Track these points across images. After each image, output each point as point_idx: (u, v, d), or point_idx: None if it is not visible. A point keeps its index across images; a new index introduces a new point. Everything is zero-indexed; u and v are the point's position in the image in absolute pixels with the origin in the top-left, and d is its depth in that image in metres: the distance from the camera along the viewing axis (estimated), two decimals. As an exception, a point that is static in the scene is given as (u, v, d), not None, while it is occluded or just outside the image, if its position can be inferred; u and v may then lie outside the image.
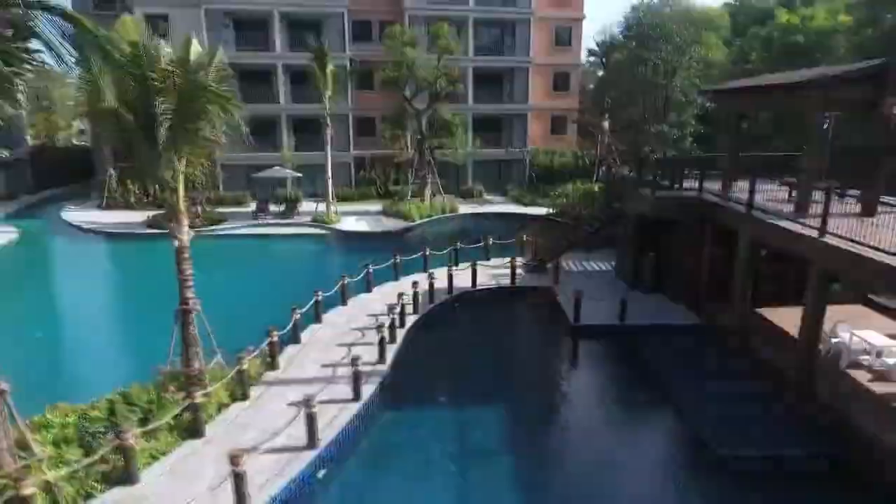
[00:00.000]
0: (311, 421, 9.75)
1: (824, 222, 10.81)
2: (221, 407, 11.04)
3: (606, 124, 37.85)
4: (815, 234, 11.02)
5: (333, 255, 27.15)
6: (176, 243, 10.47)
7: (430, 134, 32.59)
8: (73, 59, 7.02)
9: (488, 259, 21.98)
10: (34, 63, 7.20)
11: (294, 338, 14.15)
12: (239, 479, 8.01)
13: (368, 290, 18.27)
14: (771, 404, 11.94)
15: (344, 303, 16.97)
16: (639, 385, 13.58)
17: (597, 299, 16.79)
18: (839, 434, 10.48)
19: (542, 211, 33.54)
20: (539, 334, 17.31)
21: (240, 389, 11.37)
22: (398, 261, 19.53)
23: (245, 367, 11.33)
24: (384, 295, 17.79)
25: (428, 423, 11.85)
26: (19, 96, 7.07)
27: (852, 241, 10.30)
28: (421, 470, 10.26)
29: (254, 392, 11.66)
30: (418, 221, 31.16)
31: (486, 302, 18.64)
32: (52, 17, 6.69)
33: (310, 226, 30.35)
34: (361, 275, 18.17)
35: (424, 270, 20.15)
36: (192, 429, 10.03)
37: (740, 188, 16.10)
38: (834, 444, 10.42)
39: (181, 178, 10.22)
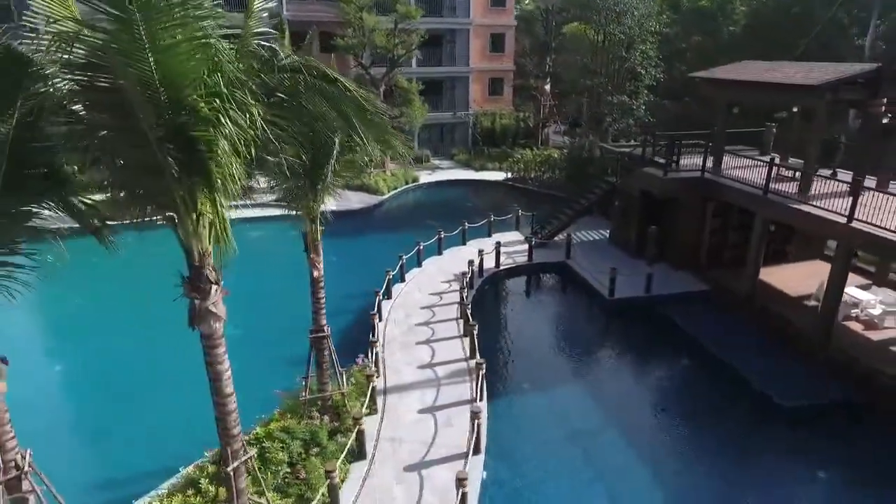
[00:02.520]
0: (474, 431, 10.51)
1: (853, 210, 13.17)
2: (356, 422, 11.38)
3: (548, 87, 39.40)
4: (843, 220, 13.38)
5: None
6: (315, 273, 10.37)
7: (389, 102, 32.05)
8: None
9: (490, 236, 22.97)
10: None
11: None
12: (464, 499, 8.76)
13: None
14: (797, 356, 14.57)
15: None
16: (683, 348, 15.76)
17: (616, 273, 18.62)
18: (859, 377, 13.27)
19: (498, 176, 34.85)
20: (580, 308, 18.79)
21: (371, 402, 11.72)
22: (421, 248, 19.95)
23: (374, 380, 11.68)
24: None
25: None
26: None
27: (875, 225, 12.80)
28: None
29: (379, 401, 12.09)
30: (388, 194, 31.05)
31: (514, 281, 19.90)
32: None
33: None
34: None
35: (439, 252, 20.88)
36: (355, 451, 10.37)
37: (729, 165, 18.59)
38: (856, 386, 13.20)
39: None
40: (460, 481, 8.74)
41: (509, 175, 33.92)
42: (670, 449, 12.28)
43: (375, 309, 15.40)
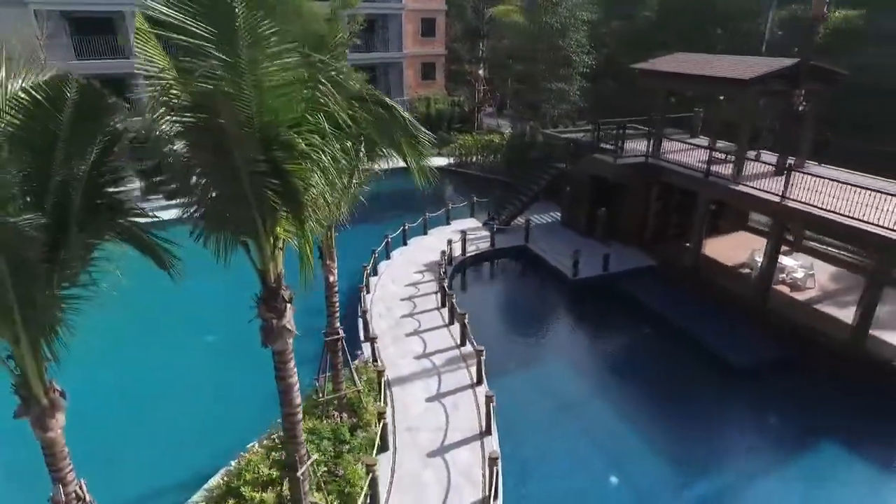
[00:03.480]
0: (489, 413, 11.37)
1: (785, 190, 15.14)
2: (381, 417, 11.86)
3: (482, 72, 40.28)
4: (777, 199, 15.34)
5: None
6: (331, 278, 10.70)
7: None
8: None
9: (448, 223, 23.72)
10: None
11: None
12: (494, 477, 9.64)
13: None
14: (740, 319, 16.58)
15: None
16: (644, 319, 17.45)
17: (571, 253, 19.95)
18: (792, 334, 15.44)
19: (439, 161, 35.46)
20: (548, 289, 19.93)
21: (381, 396, 12.26)
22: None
23: (385, 374, 12.24)
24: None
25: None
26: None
27: (804, 202, 14.84)
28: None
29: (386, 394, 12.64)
30: (335, 185, 30.78)
31: (482, 267, 20.85)
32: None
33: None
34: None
35: (404, 243, 21.43)
36: (379, 444, 10.93)
37: (667, 150, 20.46)
38: (791, 342, 15.35)
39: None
40: (493, 461, 9.61)
41: (451, 160, 34.64)
42: (642, 403, 14.01)
43: (362, 305, 15.80)
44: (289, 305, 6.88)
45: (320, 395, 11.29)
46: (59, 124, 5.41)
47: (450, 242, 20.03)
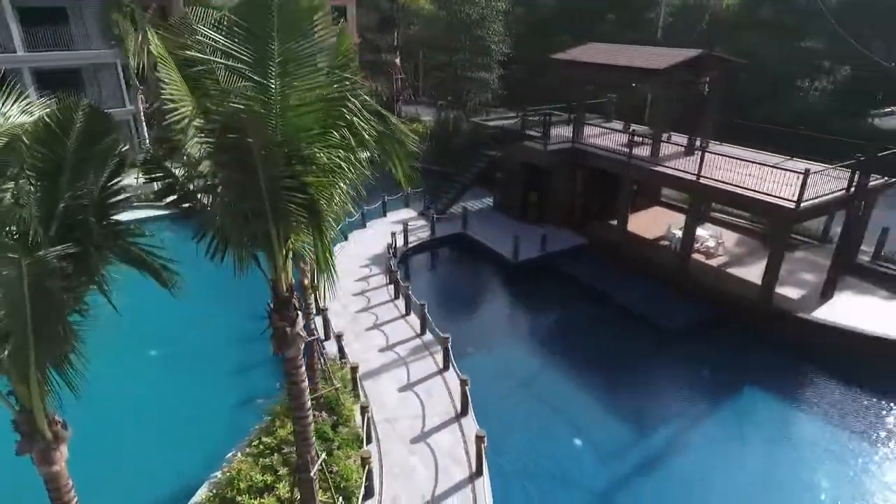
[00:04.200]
0: (465, 395, 12.02)
1: (700, 169, 16.90)
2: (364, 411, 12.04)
3: (398, 61, 40.30)
4: (693, 177, 17.10)
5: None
6: (304, 280, 10.78)
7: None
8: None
9: (385, 215, 23.94)
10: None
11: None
12: (481, 455, 10.34)
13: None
14: (664, 286, 18.38)
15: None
16: (582, 293, 18.85)
17: (509, 237, 20.95)
18: (709, 297, 17.39)
19: (363, 154, 35.32)
20: (493, 272, 20.73)
21: (356, 391, 12.53)
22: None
23: (357, 369, 12.51)
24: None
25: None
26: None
27: (715, 179, 16.69)
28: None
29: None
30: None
31: (425, 256, 21.32)
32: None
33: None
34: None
35: (344, 238, 21.46)
36: (363, 438, 11.24)
37: (588, 135, 22.00)
38: (709, 304, 17.30)
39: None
40: (480, 439, 10.28)
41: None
42: (590, 370, 15.37)
43: (317, 304, 15.81)
44: (300, 314, 7.08)
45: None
46: (66, 150, 5.30)
47: (394, 235, 20.32)
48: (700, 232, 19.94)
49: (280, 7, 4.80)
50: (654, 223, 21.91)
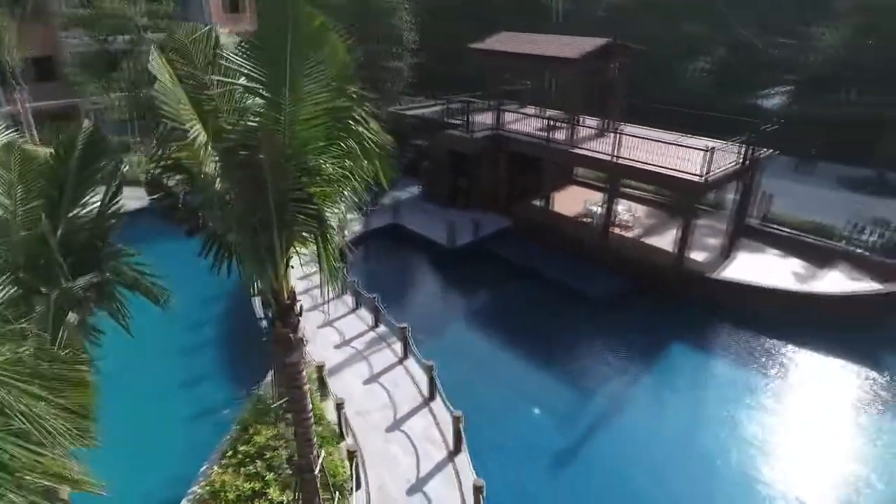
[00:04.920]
0: (432, 381, 12.54)
1: (616, 150, 18.39)
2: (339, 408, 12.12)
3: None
4: (610, 158, 18.59)
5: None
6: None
7: (145, 80, 28.37)
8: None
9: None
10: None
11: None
12: (460, 434, 10.98)
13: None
14: (589, 260, 19.92)
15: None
16: (515, 271, 19.95)
17: (441, 225, 21.57)
18: (629, 267, 19.12)
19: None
20: (431, 259, 21.20)
21: (324, 389, 12.65)
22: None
23: (323, 368, 12.63)
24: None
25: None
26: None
27: (630, 159, 18.29)
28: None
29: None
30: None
31: (362, 249, 21.40)
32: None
33: None
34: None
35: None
36: (341, 433, 11.48)
37: (506, 120, 23.08)
38: (630, 274, 19.03)
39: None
40: (457, 419, 10.90)
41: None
42: (534, 343, 16.50)
43: (263, 307, 15.56)
44: (301, 319, 7.24)
45: (270, 401, 11.36)
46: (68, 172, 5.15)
47: (330, 230, 20.19)
48: (615, 207, 21.71)
49: (294, 29, 4.96)
50: (571, 201, 23.45)
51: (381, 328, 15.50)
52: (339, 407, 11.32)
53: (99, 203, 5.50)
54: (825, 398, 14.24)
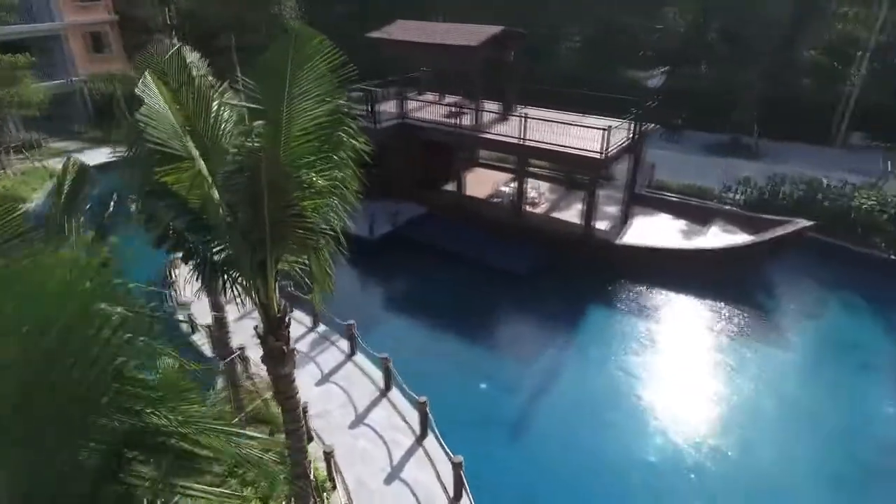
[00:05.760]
0: (387, 372, 12.85)
1: (524, 134, 19.51)
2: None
3: (175, 42, 36.25)
4: (518, 140, 19.69)
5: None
6: (222, 299, 10.40)
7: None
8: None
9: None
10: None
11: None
12: (426, 418, 11.48)
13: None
14: (505, 238, 21.06)
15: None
16: (439, 256, 20.60)
17: (358, 216, 21.57)
18: (542, 242, 20.54)
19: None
20: (355, 252, 20.91)
21: (279, 398, 12.46)
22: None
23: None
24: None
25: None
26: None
27: (536, 140, 19.52)
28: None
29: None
30: (38, 197, 25.06)
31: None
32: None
33: None
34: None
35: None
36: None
37: (411, 108, 23.51)
38: (544, 249, 20.46)
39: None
40: (423, 405, 11.38)
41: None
42: (466, 319, 17.47)
43: (194, 320, 14.84)
44: (289, 330, 7.27)
45: (233, 416, 11.05)
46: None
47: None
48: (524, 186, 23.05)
49: (295, 52, 5.05)
50: (479, 184, 24.48)
51: (322, 327, 15.43)
52: (305, 411, 11.28)
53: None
54: (707, 334, 16.71)
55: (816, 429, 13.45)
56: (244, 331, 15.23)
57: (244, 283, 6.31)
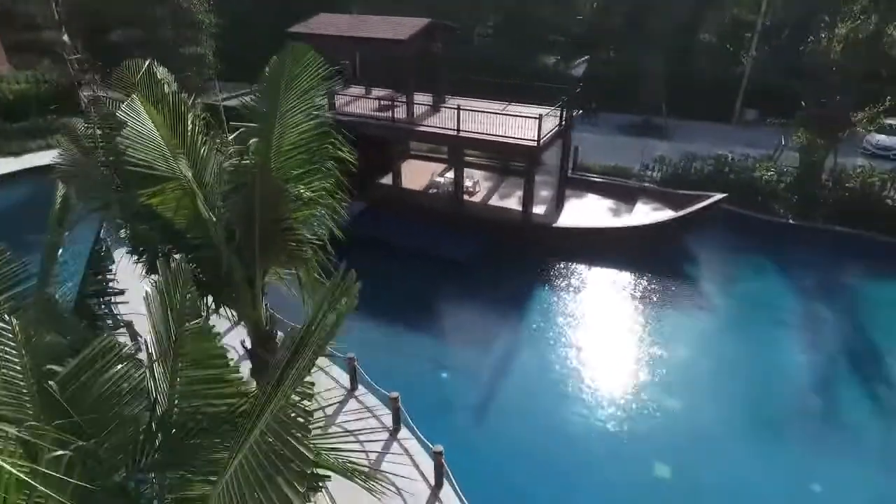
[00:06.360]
0: (353, 371, 12.93)
1: (458, 125, 19.90)
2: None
3: (66, 38, 33.35)
4: (454, 132, 20.06)
5: None
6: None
7: None
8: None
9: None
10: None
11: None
12: (398, 413, 11.74)
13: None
14: (447, 227, 21.48)
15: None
16: (387, 251, 20.70)
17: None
18: (481, 228, 21.16)
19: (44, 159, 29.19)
20: None
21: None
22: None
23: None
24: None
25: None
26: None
27: (471, 131, 19.99)
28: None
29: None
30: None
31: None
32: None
33: None
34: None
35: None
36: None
37: (342, 103, 23.30)
38: (486, 235, 21.09)
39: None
40: (394, 399, 11.62)
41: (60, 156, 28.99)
42: (418, 311, 17.90)
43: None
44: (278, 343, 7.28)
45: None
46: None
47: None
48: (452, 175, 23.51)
49: (289, 68, 5.10)
50: (414, 175, 24.70)
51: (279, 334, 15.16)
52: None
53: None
54: (641, 304, 18.14)
55: (740, 379, 15.04)
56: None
57: (234, 299, 6.25)
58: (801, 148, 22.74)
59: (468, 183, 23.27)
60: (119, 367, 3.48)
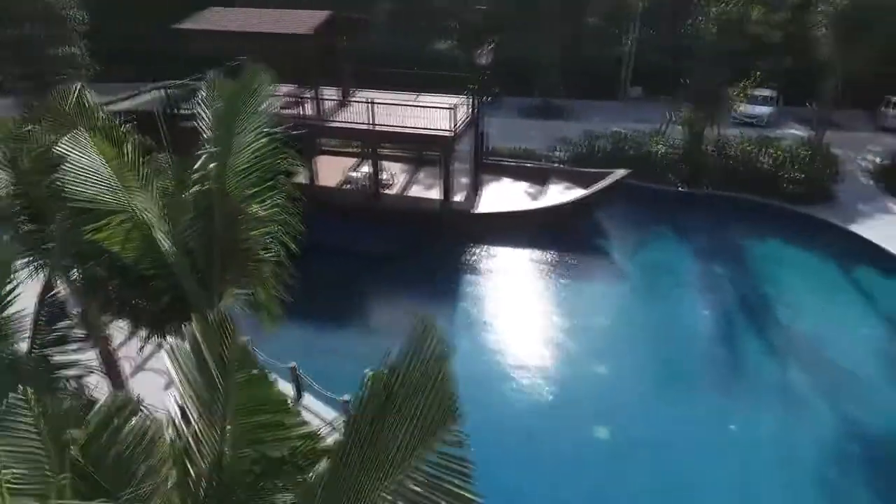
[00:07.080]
0: (297, 380, 12.70)
1: (373, 119, 19.73)
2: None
3: None
4: (370, 126, 19.89)
5: None
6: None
7: None
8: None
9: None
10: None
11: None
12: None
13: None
14: (367, 222, 21.30)
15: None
16: (307, 248, 20.08)
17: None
18: (402, 220, 21.27)
19: None
20: None
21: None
22: None
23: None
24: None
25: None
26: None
27: (386, 125, 19.94)
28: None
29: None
30: None
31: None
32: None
33: None
34: None
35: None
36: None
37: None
38: (406, 226, 21.22)
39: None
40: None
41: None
42: (348, 307, 17.99)
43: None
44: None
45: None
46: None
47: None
48: (367, 169, 23.37)
49: (244, 89, 4.97)
50: (328, 171, 24.18)
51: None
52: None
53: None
54: (560, 278, 19.35)
55: (656, 339, 16.53)
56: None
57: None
58: (684, 121, 24.89)
59: (385, 176, 23.22)
60: (134, 420, 3.33)
